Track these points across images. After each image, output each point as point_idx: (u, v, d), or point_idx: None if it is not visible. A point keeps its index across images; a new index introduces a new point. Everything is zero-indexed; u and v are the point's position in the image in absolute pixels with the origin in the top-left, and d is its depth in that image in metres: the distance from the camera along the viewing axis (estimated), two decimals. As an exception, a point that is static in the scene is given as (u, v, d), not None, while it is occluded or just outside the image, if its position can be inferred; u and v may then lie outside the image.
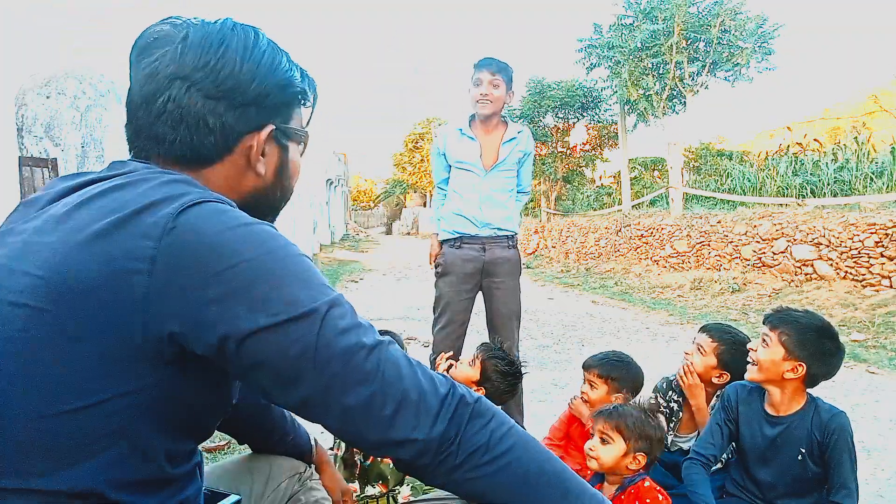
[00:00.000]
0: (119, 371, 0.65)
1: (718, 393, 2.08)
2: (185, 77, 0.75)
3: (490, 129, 2.73)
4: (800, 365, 1.66)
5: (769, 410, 1.76)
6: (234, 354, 0.65)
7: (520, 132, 2.77)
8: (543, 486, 0.71)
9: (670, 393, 2.17)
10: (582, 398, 2.09)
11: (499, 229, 2.69)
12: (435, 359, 2.70)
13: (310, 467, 1.25)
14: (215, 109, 0.76)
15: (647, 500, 1.59)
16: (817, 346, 1.67)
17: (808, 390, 1.74)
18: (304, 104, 0.89)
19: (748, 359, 1.75)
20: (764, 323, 1.75)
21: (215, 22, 0.79)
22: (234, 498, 0.94)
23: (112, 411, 0.65)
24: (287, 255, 0.69)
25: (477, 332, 3.62)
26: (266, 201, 0.87)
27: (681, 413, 2.14)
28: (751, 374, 1.74)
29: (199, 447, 0.81)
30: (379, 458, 1.91)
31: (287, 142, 0.86)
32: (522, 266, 2.83)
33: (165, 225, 0.65)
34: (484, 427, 0.70)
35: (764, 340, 1.70)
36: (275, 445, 1.20)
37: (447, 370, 2.12)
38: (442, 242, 2.78)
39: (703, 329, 2.10)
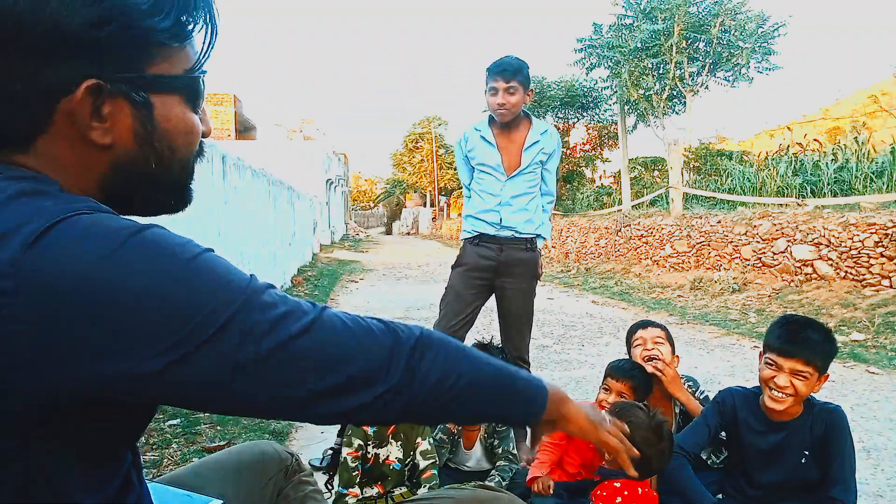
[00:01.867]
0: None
1: (692, 392, 2.11)
2: None
3: (511, 133, 2.64)
4: (825, 376, 1.69)
5: (773, 417, 1.75)
6: (149, 397, 0.57)
7: (543, 133, 2.66)
8: (496, 384, 0.75)
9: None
10: (601, 405, 2.07)
11: (518, 232, 2.63)
12: None
13: (295, 460, 1.21)
14: None
15: (604, 494, 1.63)
16: (834, 350, 1.72)
17: None
18: (176, 39, 0.63)
19: (779, 392, 1.68)
20: (786, 357, 1.66)
21: None
22: (216, 502, 0.92)
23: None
24: (180, 268, 0.56)
25: (478, 332, 3.62)
26: (143, 177, 0.65)
27: (667, 418, 2.16)
28: (787, 403, 1.67)
29: (202, 448, 0.78)
30: (381, 460, 1.91)
31: (148, 96, 0.62)
32: (542, 271, 2.75)
33: (12, 273, 0.50)
34: (434, 361, 0.68)
35: (799, 374, 1.65)
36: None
37: None
38: (464, 241, 2.75)
39: (635, 328, 2.18)
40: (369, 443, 1.91)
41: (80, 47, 0.57)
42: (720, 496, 1.85)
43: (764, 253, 7.10)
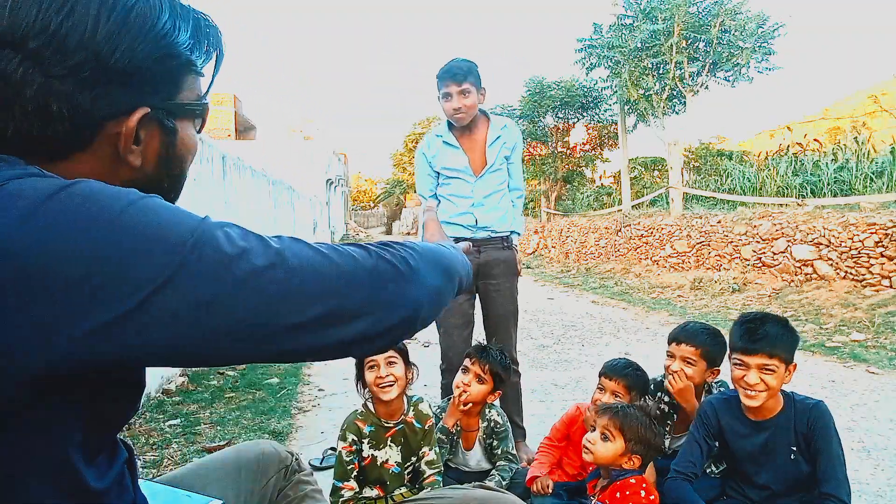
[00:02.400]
0: None
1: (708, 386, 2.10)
2: (16, 44, 0.55)
3: (472, 133, 2.64)
4: (793, 365, 1.70)
5: (753, 417, 1.76)
6: (117, 355, 0.53)
7: (503, 128, 2.66)
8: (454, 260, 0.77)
9: (659, 394, 2.17)
10: (595, 405, 2.07)
11: (493, 231, 2.63)
12: (444, 368, 2.69)
13: (295, 460, 1.21)
14: (60, 90, 0.57)
15: (627, 493, 1.62)
16: (796, 339, 1.73)
17: (784, 387, 1.76)
18: (198, 69, 0.68)
19: (752, 390, 1.69)
20: (753, 354, 1.70)
21: None
22: (216, 502, 0.92)
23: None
24: (111, 220, 0.52)
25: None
26: (152, 191, 0.66)
27: (674, 415, 2.15)
28: (761, 399, 1.70)
29: (202, 448, 0.78)
30: (378, 463, 1.91)
31: (174, 122, 0.66)
32: (521, 266, 2.77)
33: None
34: (422, 272, 0.68)
35: (766, 368, 1.68)
36: None
37: (459, 398, 2.12)
38: None
39: (677, 340, 2.05)
40: (364, 440, 1.91)
41: (140, 78, 0.61)
42: (723, 498, 1.86)
43: (764, 253, 7.10)
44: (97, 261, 0.50)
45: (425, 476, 1.94)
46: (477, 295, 2.73)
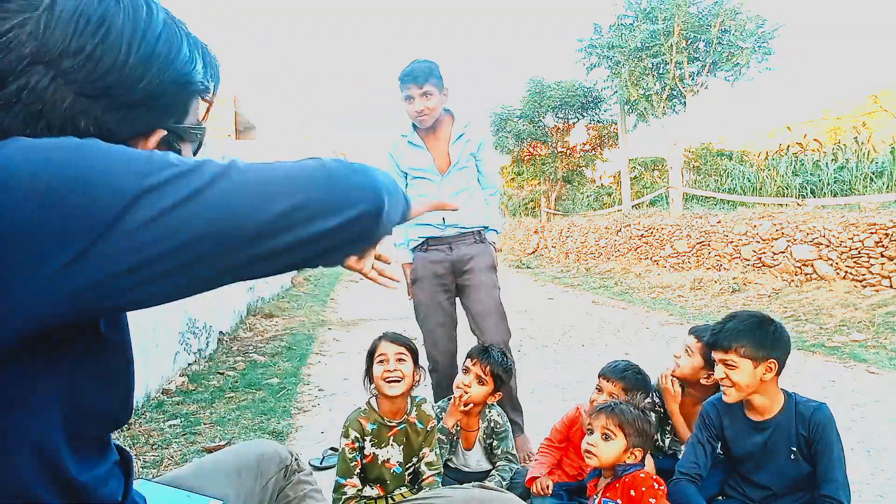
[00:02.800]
0: None
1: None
2: (49, 62, 0.57)
3: (437, 132, 2.63)
4: (771, 362, 1.68)
5: (753, 417, 1.77)
6: (94, 294, 0.52)
7: (467, 125, 2.63)
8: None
9: (655, 400, 2.18)
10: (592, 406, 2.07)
11: (464, 227, 2.60)
12: (430, 368, 2.69)
13: (295, 460, 1.21)
14: (90, 109, 0.59)
15: (643, 489, 1.62)
16: (770, 336, 1.71)
17: (785, 388, 1.76)
18: (203, 95, 0.72)
19: (722, 385, 1.74)
20: (713, 349, 1.74)
21: None
22: (216, 502, 0.92)
23: None
24: (63, 161, 0.52)
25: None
26: None
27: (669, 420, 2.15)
28: (733, 396, 1.72)
29: (202, 449, 0.78)
30: (380, 462, 1.91)
31: (179, 144, 0.70)
32: (496, 260, 2.70)
33: None
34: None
35: (727, 364, 1.70)
36: None
37: (460, 399, 2.13)
38: (413, 252, 2.70)
39: (691, 331, 2.12)
40: (366, 437, 1.91)
41: (163, 103, 0.65)
42: (721, 498, 1.86)
43: (764, 253, 7.10)
44: (55, 196, 0.50)
45: (424, 477, 1.94)
46: (458, 294, 2.69)
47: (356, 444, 1.89)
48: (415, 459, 1.96)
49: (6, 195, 0.50)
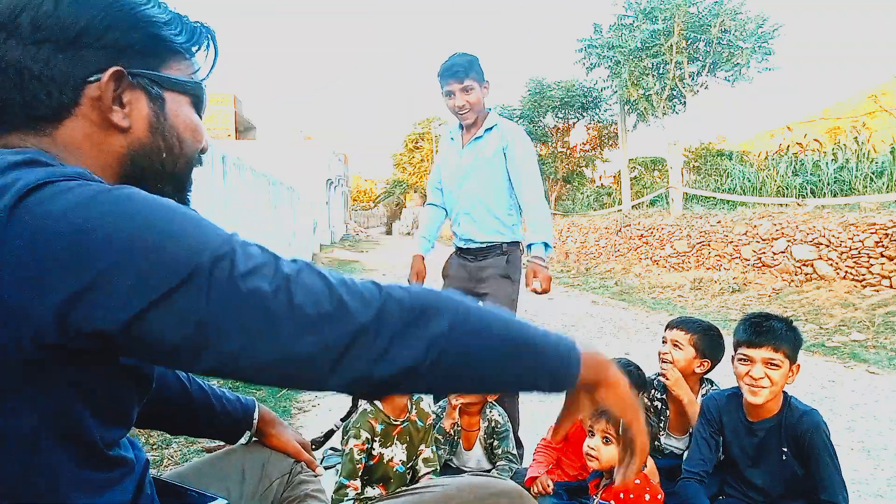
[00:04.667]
0: (5, 395, 0.58)
1: (703, 391, 2.10)
2: (2, 27, 0.65)
3: (472, 132, 2.55)
4: (797, 366, 1.70)
5: (750, 418, 1.77)
6: (122, 344, 0.57)
7: (489, 129, 2.50)
8: (512, 353, 0.67)
9: (653, 392, 2.18)
10: None
11: (477, 242, 2.55)
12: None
13: (297, 464, 1.20)
14: (39, 55, 0.65)
15: (632, 496, 1.63)
16: (800, 340, 1.73)
17: (784, 389, 1.76)
18: (186, 52, 0.76)
19: (756, 385, 1.71)
20: (755, 346, 1.71)
21: None
22: (221, 502, 0.92)
23: (17, 434, 0.59)
24: (150, 216, 0.58)
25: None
26: (150, 163, 0.74)
27: (667, 411, 2.15)
28: (763, 396, 1.70)
29: (202, 449, 0.79)
30: (385, 461, 1.91)
31: (159, 91, 0.73)
32: (520, 272, 2.57)
33: (4, 219, 0.55)
34: (434, 333, 0.63)
35: (772, 363, 1.68)
36: (205, 427, 1.08)
37: (456, 399, 2.13)
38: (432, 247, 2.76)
39: (670, 325, 2.13)
40: (376, 439, 1.91)
41: (111, 42, 0.68)
42: (721, 497, 1.86)
43: (764, 253, 7.10)
44: (129, 253, 0.56)
45: (421, 474, 1.95)
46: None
47: (366, 446, 1.89)
48: (415, 458, 1.97)
49: (105, 234, 0.56)
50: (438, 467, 2.01)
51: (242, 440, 1.15)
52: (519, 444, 2.41)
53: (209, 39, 0.79)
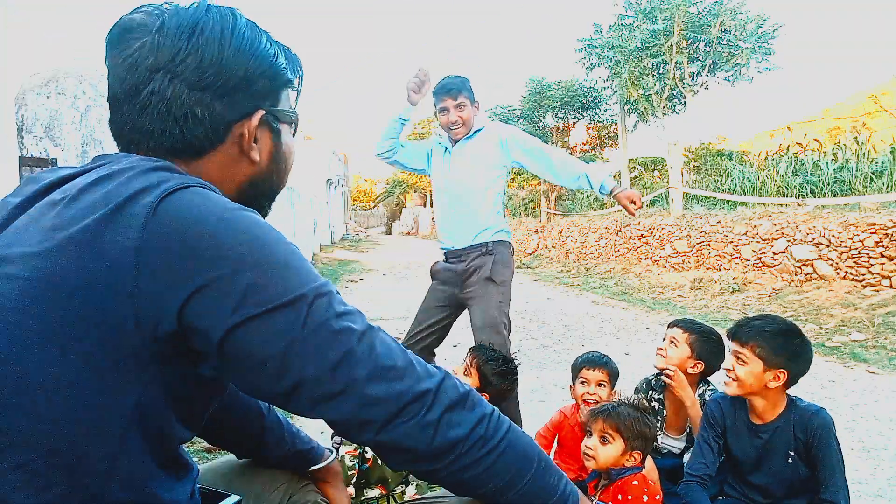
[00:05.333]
0: (113, 375, 0.63)
1: (700, 392, 2.10)
2: (166, 68, 0.73)
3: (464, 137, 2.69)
4: (781, 372, 1.68)
5: (753, 420, 1.77)
6: (220, 346, 0.64)
7: (471, 136, 2.64)
8: (538, 469, 0.78)
9: (651, 392, 2.18)
10: (584, 401, 2.07)
11: (468, 246, 2.61)
12: None
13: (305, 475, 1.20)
14: (202, 99, 0.75)
15: (630, 497, 1.62)
16: (791, 348, 1.69)
17: (787, 391, 1.75)
18: (291, 86, 0.86)
19: (727, 375, 1.74)
20: (731, 339, 1.74)
21: (189, 6, 0.77)
22: (234, 498, 0.93)
23: (114, 415, 0.65)
24: (272, 242, 0.68)
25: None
26: (262, 189, 0.85)
27: (664, 411, 2.15)
28: (732, 389, 1.73)
29: (202, 449, 0.81)
30: (379, 462, 1.91)
31: (278, 125, 0.84)
32: (510, 271, 2.62)
33: (147, 215, 0.63)
34: (479, 418, 0.73)
35: (739, 357, 1.70)
36: (269, 453, 1.11)
37: None
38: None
39: (672, 323, 2.14)
40: None
41: (256, 88, 0.79)
42: (721, 497, 1.86)
43: (764, 253, 7.10)
44: (250, 265, 0.65)
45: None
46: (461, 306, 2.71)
47: (358, 451, 1.88)
48: None
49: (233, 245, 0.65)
50: None
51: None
52: None
53: (300, 66, 0.88)
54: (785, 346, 1.69)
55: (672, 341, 2.08)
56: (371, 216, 43.01)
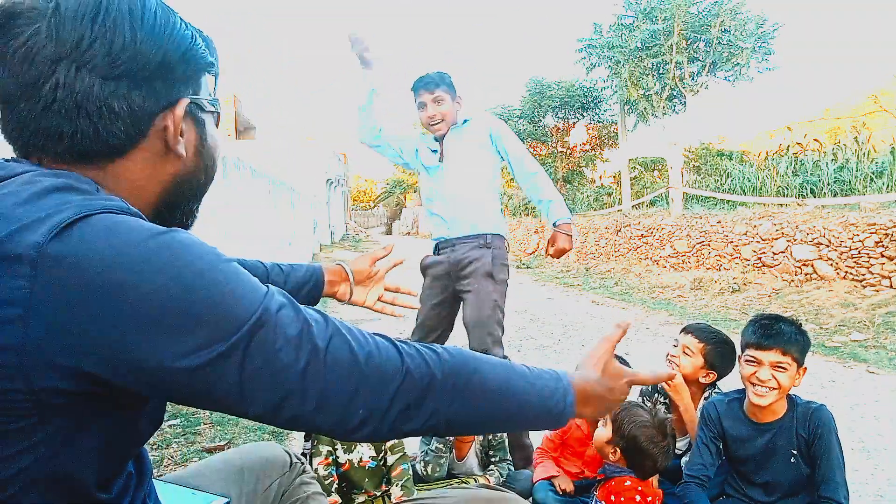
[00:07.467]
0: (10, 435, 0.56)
1: (706, 395, 2.09)
2: (70, 57, 0.62)
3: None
4: (804, 369, 1.70)
5: (755, 420, 1.76)
6: (154, 386, 0.58)
7: (466, 121, 2.55)
8: (515, 408, 0.74)
9: (656, 395, 2.18)
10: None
11: (465, 234, 2.50)
12: None
13: (301, 463, 1.21)
14: (118, 90, 0.64)
15: (622, 499, 1.62)
16: (808, 344, 1.73)
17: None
18: (211, 69, 0.77)
19: (759, 388, 1.70)
20: (763, 349, 1.70)
21: None
22: (222, 501, 0.92)
23: (15, 473, 0.57)
24: (202, 270, 0.58)
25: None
26: (189, 188, 0.76)
27: (669, 415, 2.16)
28: (770, 398, 1.69)
29: (202, 449, 0.80)
30: (356, 464, 1.89)
31: (202, 115, 0.76)
32: (508, 268, 2.54)
33: (35, 259, 0.52)
34: (442, 402, 0.69)
35: (779, 366, 1.68)
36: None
37: None
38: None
39: (686, 330, 2.11)
40: (337, 448, 1.88)
41: (175, 74, 0.69)
42: (722, 498, 1.86)
43: (764, 253, 7.10)
44: (181, 303, 0.56)
45: (392, 466, 1.91)
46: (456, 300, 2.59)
47: (330, 459, 1.87)
48: (382, 450, 1.93)
49: (156, 280, 0.56)
50: (406, 452, 1.97)
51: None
52: (523, 447, 2.39)
53: (215, 49, 0.79)
54: (806, 343, 1.73)
55: (686, 350, 2.05)
56: (371, 216, 43.00)
